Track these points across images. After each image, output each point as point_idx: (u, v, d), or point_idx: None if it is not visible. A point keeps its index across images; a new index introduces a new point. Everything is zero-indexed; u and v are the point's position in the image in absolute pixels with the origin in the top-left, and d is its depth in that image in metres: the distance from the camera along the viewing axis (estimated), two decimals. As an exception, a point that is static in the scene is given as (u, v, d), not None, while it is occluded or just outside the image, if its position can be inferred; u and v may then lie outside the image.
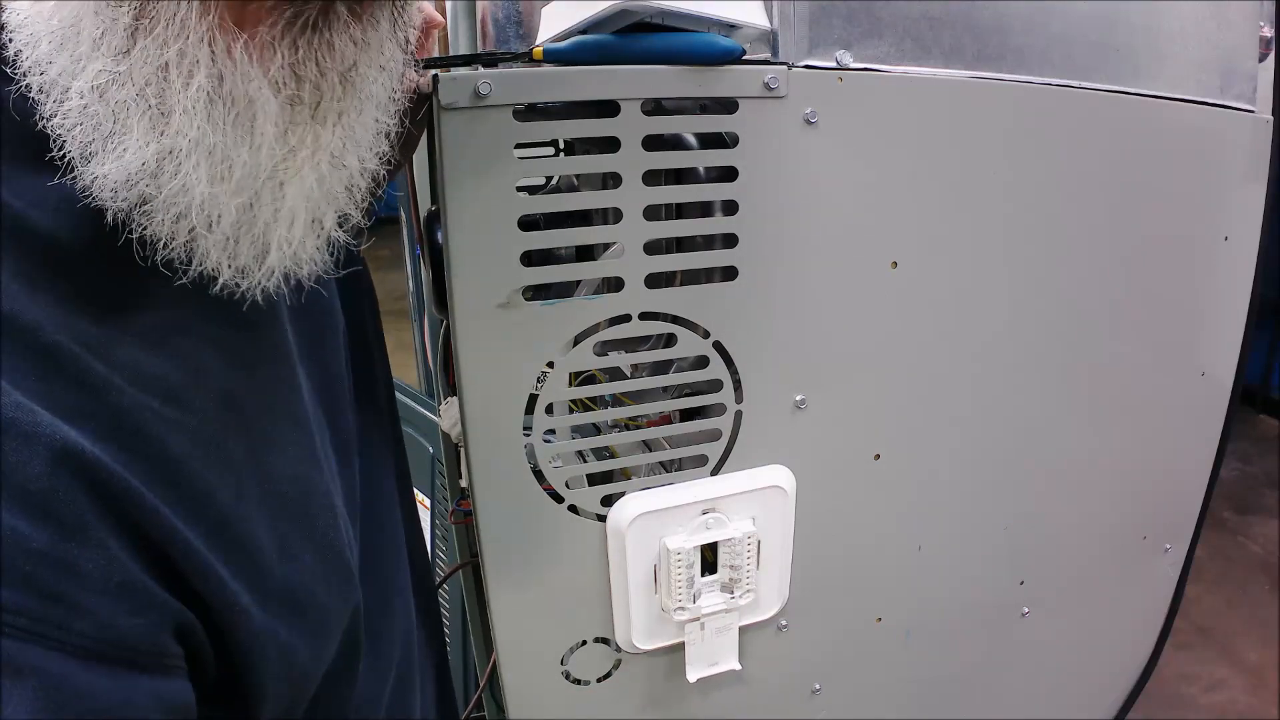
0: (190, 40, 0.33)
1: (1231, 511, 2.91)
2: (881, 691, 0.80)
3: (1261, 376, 3.60)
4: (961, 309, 0.70)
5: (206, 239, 0.36)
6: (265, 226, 0.37)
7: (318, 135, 0.37)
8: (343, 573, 0.46)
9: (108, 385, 0.35)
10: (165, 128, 0.34)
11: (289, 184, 0.37)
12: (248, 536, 0.40)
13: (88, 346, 0.35)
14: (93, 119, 0.34)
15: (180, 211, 0.35)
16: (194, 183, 0.34)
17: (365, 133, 0.40)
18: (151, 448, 0.36)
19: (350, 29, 0.36)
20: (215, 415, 0.39)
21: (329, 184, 0.38)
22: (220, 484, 0.39)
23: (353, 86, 0.37)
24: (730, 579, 0.66)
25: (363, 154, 0.40)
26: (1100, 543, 0.87)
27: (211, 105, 0.34)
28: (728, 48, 0.56)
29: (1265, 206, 0.83)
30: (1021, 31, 0.66)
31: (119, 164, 0.34)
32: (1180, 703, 2.11)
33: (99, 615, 0.32)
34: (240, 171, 0.35)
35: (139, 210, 0.35)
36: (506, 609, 0.64)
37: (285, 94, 0.35)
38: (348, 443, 0.51)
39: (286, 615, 0.41)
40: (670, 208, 0.60)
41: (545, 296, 0.58)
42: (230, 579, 0.38)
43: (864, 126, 0.62)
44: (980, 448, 0.75)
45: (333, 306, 0.53)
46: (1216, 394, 0.88)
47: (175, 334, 0.39)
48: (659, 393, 0.63)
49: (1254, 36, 0.78)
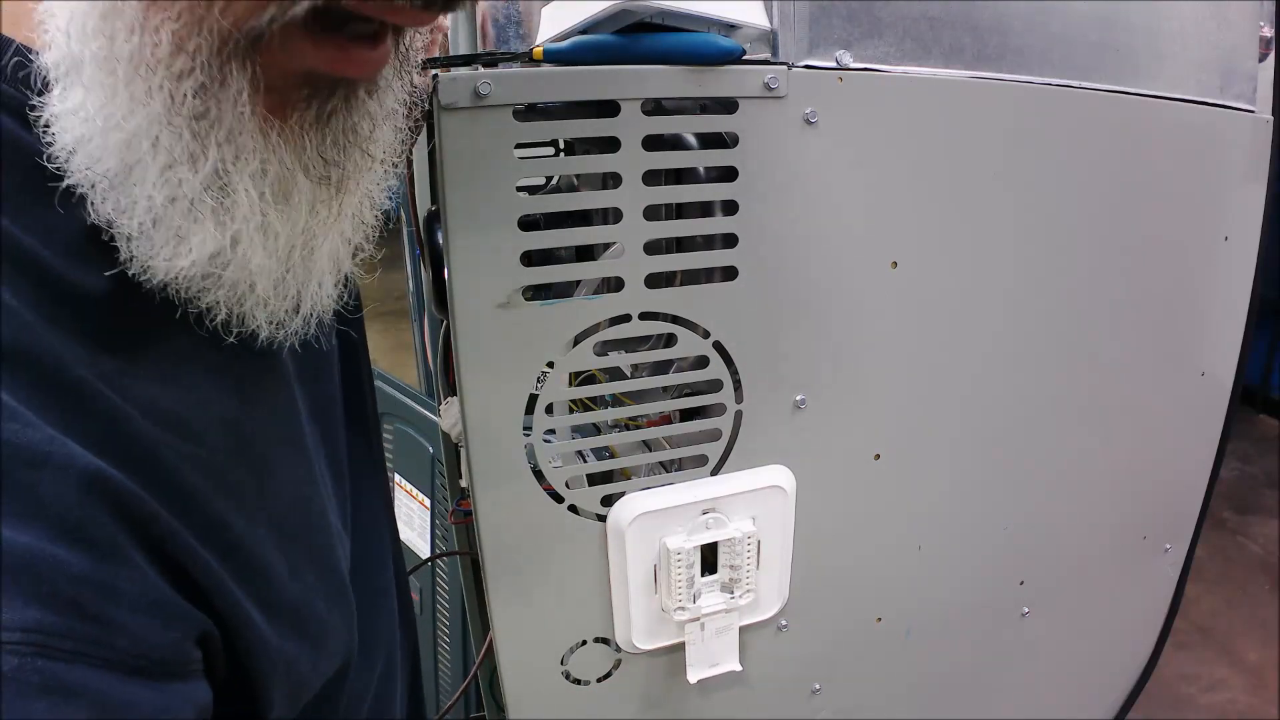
0: (245, 134, 0.35)
1: (1231, 511, 2.91)
2: (881, 691, 0.80)
3: (1261, 376, 3.61)
4: (961, 309, 0.70)
5: (247, 303, 0.38)
6: (300, 287, 0.40)
7: (342, 204, 0.40)
8: (340, 588, 0.48)
9: (128, 419, 0.36)
10: (233, 216, 0.36)
11: (319, 249, 0.40)
12: (258, 559, 0.41)
13: (108, 381, 0.36)
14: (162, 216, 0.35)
15: (234, 286, 0.37)
16: (252, 259, 0.37)
17: (379, 181, 0.42)
18: (168, 478, 0.37)
19: (368, 105, 0.38)
20: (221, 445, 0.41)
21: (349, 237, 0.42)
22: (229, 511, 0.40)
23: (371, 153, 0.40)
24: (730, 579, 0.66)
25: (375, 197, 0.43)
26: (1100, 543, 0.87)
27: (264, 193, 0.36)
28: (728, 48, 0.56)
29: (1265, 206, 0.83)
30: (1021, 31, 0.66)
31: (195, 255, 0.36)
32: (1180, 703, 2.11)
33: (136, 631, 0.34)
34: (281, 244, 0.38)
35: (199, 289, 0.37)
36: (506, 609, 0.64)
37: (315, 174, 0.38)
38: (340, 462, 0.53)
39: (291, 631, 0.43)
40: (670, 208, 0.60)
41: (545, 296, 0.58)
42: (244, 599, 0.39)
43: (864, 126, 0.62)
44: (980, 448, 0.75)
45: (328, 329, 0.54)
46: (1216, 394, 0.88)
47: (182, 366, 0.40)
48: (659, 393, 0.63)
49: (1254, 36, 0.78)
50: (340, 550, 0.49)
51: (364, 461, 0.59)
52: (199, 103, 0.33)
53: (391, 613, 0.60)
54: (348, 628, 0.48)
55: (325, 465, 0.50)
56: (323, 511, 0.47)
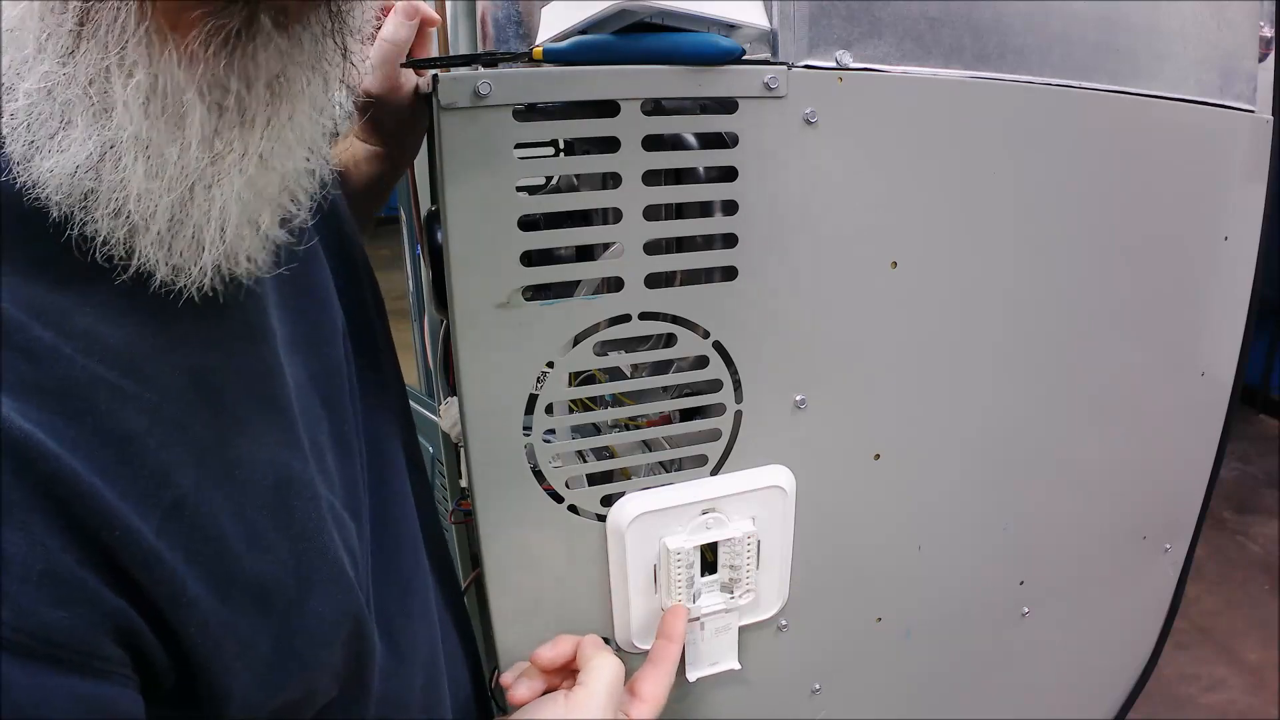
0: (130, 43, 0.34)
1: (1231, 511, 2.91)
2: (881, 691, 0.80)
3: (1261, 376, 3.60)
4: (961, 309, 0.70)
5: (144, 236, 0.37)
6: (198, 227, 0.38)
7: (245, 140, 0.38)
8: (330, 572, 0.44)
9: (55, 355, 0.35)
10: (108, 123, 0.35)
11: (217, 186, 0.37)
12: (209, 522, 0.39)
13: (37, 314, 0.35)
14: (39, 117, 0.35)
15: (118, 206, 0.36)
16: (131, 176, 0.35)
17: (299, 134, 0.40)
18: (101, 422, 0.35)
19: (275, 40, 0.37)
20: (180, 393, 0.39)
21: (261, 186, 0.39)
22: (179, 465, 0.38)
23: (281, 93, 0.38)
24: (730, 579, 0.66)
25: (297, 156, 0.41)
26: (1100, 543, 0.87)
27: (148, 104, 0.35)
28: (727, 48, 0.56)
29: (1265, 206, 0.83)
30: (1021, 31, 0.66)
31: (65, 157, 0.35)
32: (1180, 703, 2.11)
33: (18, 603, 0.31)
34: (171, 170, 0.36)
35: (80, 206, 0.36)
36: (506, 609, 0.64)
37: (211, 100, 0.36)
38: (347, 434, 0.51)
39: (249, 608, 0.40)
40: (670, 208, 0.60)
41: (545, 296, 0.58)
42: (181, 565, 0.37)
43: (864, 126, 0.62)
44: (980, 448, 0.75)
45: (327, 296, 0.53)
46: (1216, 394, 0.88)
47: (144, 306, 0.38)
48: (659, 393, 0.63)
49: (1254, 36, 0.78)
50: (335, 532, 0.45)
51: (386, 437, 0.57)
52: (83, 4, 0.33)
53: (428, 609, 0.57)
54: (342, 613, 0.45)
55: (327, 436, 0.48)
56: (309, 483, 0.44)
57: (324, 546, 0.44)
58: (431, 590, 0.59)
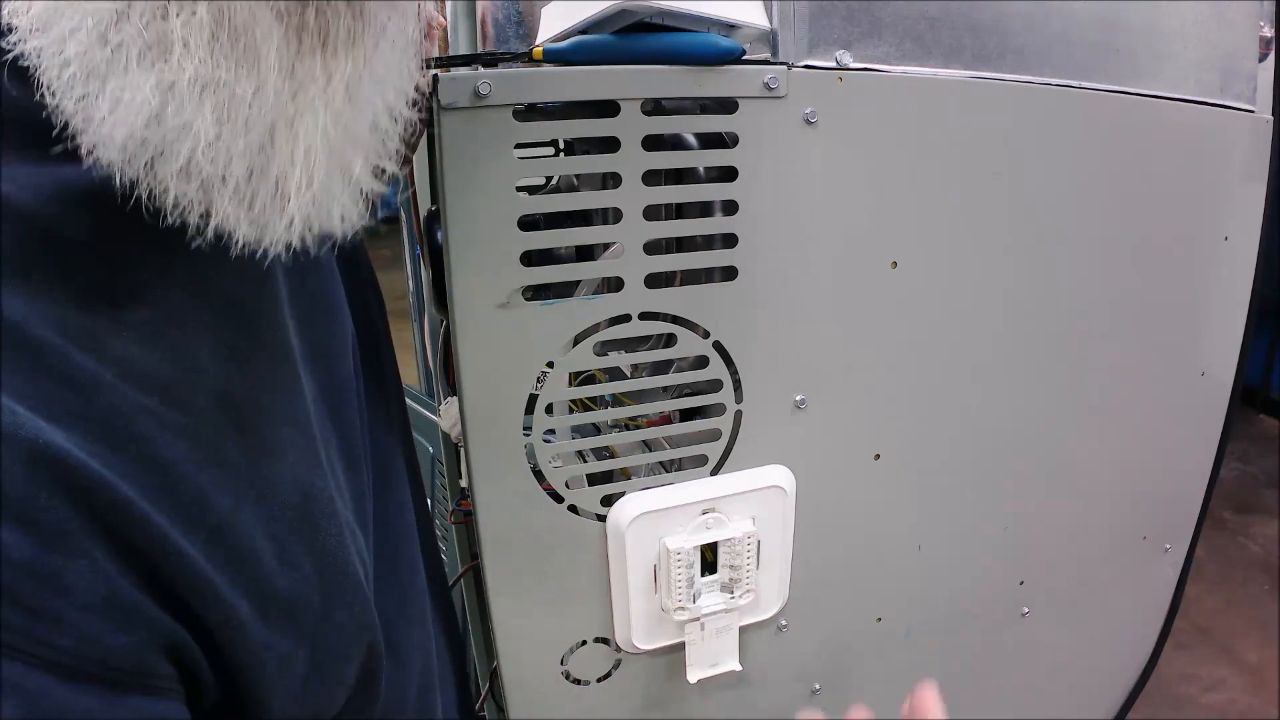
0: None
1: (1231, 511, 2.91)
2: (881, 691, 0.80)
3: (1261, 376, 3.60)
4: (961, 309, 0.70)
5: (220, 191, 0.33)
6: (281, 173, 0.33)
7: (329, 66, 0.33)
8: (350, 587, 0.44)
9: (97, 382, 0.34)
10: (165, 65, 0.31)
11: (300, 120, 0.33)
12: (246, 543, 0.38)
13: (76, 341, 0.34)
14: (91, 65, 0.31)
15: (186, 161, 0.32)
16: (198, 121, 0.31)
17: (387, 69, 0.35)
18: (144, 449, 0.35)
19: None
20: (211, 415, 0.38)
21: (348, 122, 0.34)
22: (216, 488, 0.37)
23: (364, 14, 0.33)
24: (730, 579, 0.66)
25: (387, 93, 0.36)
26: (1100, 543, 0.87)
27: (215, 39, 0.31)
28: (727, 48, 0.56)
29: (1265, 206, 0.83)
30: (1021, 31, 0.66)
31: (122, 113, 0.31)
32: (1180, 703, 2.11)
33: (83, 631, 0.31)
34: (245, 110, 0.32)
35: (147, 170, 0.32)
36: (506, 609, 0.64)
37: (290, 22, 0.31)
38: (355, 448, 0.50)
39: (287, 626, 0.40)
40: (670, 208, 0.60)
41: (545, 296, 0.58)
42: (227, 589, 0.37)
43: (864, 126, 0.62)
44: (980, 448, 0.75)
45: (339, 307, 0.52)
46: (1216, 394, 0.88)
47: (171, 327, 0.37)
48: (659, 393, 0.63)
49: (1254, 36, 0.78)
50: (351, 545, 0.45)
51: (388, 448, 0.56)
52: None
53: (425, 622, 0.57)
54: (361, 626, 0.45)
55: (336, 450, 0.48)
56: (329, 499, 0.44)
57: (345, 562, 0.44)
58: (426, 596, 0.59)
